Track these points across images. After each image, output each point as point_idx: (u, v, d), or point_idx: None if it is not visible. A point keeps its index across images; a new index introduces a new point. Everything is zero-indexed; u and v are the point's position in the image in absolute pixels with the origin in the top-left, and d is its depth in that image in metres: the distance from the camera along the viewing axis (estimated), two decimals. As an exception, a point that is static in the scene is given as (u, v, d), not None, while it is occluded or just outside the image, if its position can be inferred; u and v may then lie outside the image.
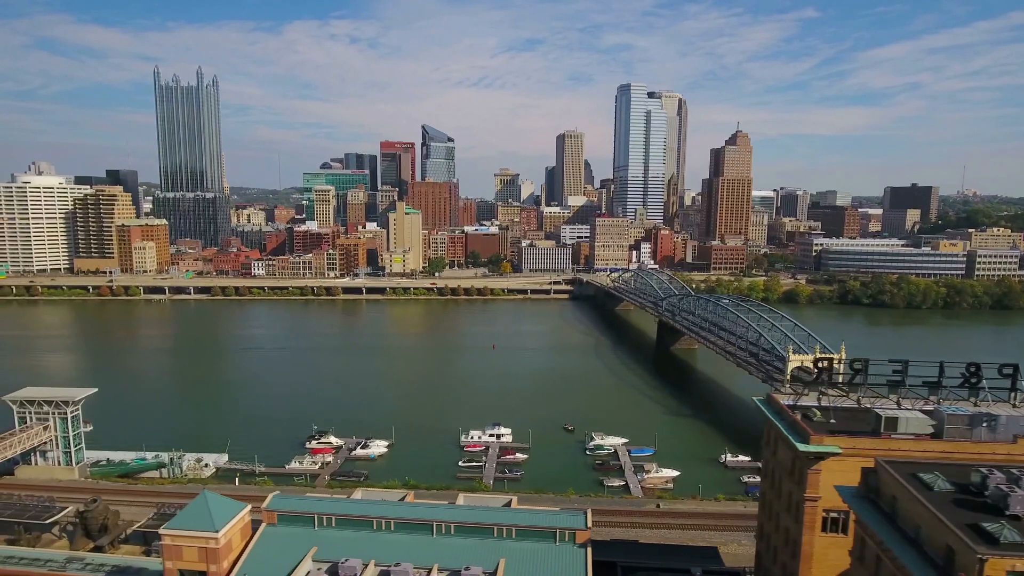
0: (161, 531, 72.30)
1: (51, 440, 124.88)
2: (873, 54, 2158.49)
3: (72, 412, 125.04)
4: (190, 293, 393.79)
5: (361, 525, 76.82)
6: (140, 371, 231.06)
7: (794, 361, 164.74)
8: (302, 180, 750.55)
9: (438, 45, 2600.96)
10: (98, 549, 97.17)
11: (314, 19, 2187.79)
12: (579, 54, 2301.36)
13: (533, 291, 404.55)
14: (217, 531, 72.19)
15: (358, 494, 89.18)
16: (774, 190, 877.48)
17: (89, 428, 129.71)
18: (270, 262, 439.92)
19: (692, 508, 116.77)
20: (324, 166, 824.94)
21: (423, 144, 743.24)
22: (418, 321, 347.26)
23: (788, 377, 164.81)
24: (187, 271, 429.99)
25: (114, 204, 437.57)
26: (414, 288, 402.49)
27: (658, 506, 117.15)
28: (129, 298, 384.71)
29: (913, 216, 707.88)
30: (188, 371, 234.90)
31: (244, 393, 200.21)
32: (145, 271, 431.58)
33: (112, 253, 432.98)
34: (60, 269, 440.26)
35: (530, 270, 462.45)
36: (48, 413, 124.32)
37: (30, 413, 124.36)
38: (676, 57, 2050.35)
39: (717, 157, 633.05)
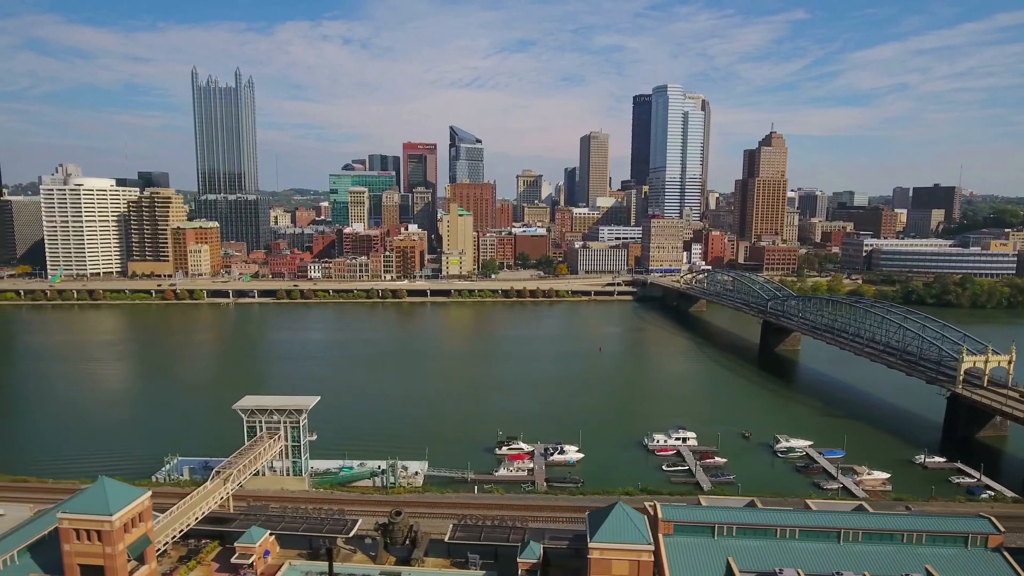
0: (591, 544, 71.59)
1: (282, 450, 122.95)
2: (861, 55, 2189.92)
3: (303, 421, 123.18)
4: (254, 296, 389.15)
5: (762, 534, 76.41)
6: (265, 376, 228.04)
7: (967, 362, 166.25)
8: (299, 182, 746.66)
9: (430, 46, 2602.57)
10: (403, 562, 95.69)
11: (307, 20, 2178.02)
12: (571, 55, 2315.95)
13: (597, 292, 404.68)
14: (650, 543, 71.66)
15: (704, 502, 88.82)
16: (791, 191, 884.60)
17: (314, 437, 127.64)
18: (326, 264, 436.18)
19: (940, 510, 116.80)
20: (346, 167, 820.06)
21: (451, 145, 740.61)
22: (501, 324, 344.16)
23: (961, 377, 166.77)
24: (245, 274, 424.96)
25: (168, 207, 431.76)
26: (479, 290, 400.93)
27: (908, 508, 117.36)
28: (193, 302, 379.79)
29: (937, 216, 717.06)
30: (314, 376, 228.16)
31: (395, 399, 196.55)
32: (200, 274, 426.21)
33: (167, 256, 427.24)
34: (112, 272, 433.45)
35: (585, 272, 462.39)
36: (279, 422, 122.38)
37: (260, 422, 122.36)
38: (667, 58, 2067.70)
39: (752, 158, 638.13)
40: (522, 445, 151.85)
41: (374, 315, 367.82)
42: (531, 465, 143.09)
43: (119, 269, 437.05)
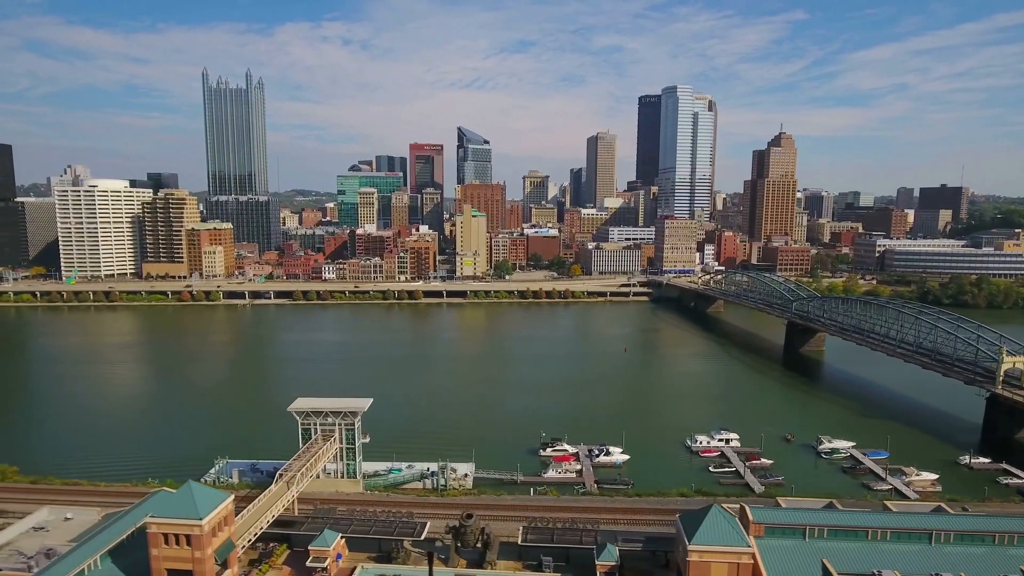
0: (690, 547, 71.44)
1: (337, 452, 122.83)
2: (861, 56, 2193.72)
3: (357, 423, 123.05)
4: (270, 297, 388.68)
5: (854, 535, 76.40)
6: (292, 379, 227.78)
7: (1007, 363, 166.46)
8: (300, 183, 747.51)
9: (430, 47, 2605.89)
10: (475, 565, 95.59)
11: (307, 21, 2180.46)
12: (570, 56, 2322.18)
13: (612, 293, 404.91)
14: (749, 545, 71.46)
15: (783, 503, 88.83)
16: (797, 191, 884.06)
17: (367, 439, 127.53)
18: (340, 265, 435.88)
19: (997, 510, 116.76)
20: (353, 168, 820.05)
21: (459, 146, 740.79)
22: (520, 325, 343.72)
23: (1001, 377, 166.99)
24: (259, 275, 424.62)
25: (183, 208, 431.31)
26: (494, 291, 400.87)
27: (965, 509, 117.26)
28: (209, 303, 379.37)
29: (945, 216, 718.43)
30: (343, 378, 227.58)
31: (429, 400, 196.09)
32: (214, 275, 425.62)
33: (181, 257, 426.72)
34: (127, 274, 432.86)
35: (599, 272, 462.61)
36: (334, 424, 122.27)
37: (315, 424, 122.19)
38: (666, 59, 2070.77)
39: (761, 158, 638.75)
40: (566, 447, 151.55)
41: (391, 316, 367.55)
42: (578, 467, 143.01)
43: (133, 271, 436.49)
